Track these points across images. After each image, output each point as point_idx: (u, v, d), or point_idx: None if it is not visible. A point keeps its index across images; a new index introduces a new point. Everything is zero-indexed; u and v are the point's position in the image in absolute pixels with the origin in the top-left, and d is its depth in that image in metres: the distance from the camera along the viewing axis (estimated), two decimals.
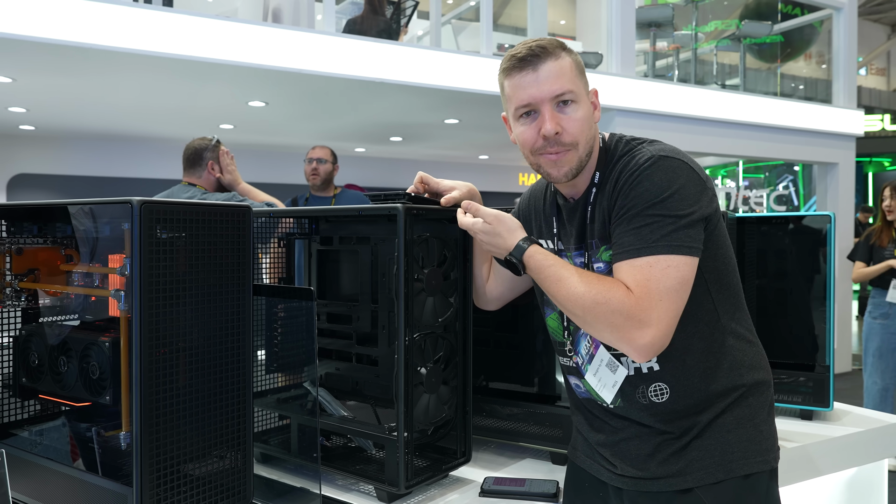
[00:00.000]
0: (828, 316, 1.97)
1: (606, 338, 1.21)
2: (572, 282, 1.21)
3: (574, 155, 1.27)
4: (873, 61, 21.98)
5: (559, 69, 1.25)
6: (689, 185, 1.19)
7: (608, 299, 1.16)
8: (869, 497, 2.01)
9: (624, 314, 1.15)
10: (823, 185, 7.75)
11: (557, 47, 1.27)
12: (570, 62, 1.27)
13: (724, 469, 1.22)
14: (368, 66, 5.30)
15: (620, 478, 1.30)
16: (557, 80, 1.24)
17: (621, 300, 1.15)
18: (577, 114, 1.26)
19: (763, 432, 1.28)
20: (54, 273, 1.42)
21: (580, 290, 1.19)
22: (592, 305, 1.17)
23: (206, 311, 1.17)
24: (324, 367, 1.70)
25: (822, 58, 9.56)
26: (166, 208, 1.10)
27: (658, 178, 1.18)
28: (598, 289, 1.18)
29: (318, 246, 1.73)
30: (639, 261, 1.16)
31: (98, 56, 4.66)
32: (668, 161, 1.20)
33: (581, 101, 1.27)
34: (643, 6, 7.57)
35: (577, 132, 1.26)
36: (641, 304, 1.14)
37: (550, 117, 1.25)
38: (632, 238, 1.18)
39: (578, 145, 1.26)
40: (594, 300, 1.17)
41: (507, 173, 12.53)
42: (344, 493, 1.48)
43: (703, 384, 1.25)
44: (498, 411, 1.76)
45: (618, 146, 1.31)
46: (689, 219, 1.17)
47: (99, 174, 9.64)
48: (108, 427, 1.23)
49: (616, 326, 1.16)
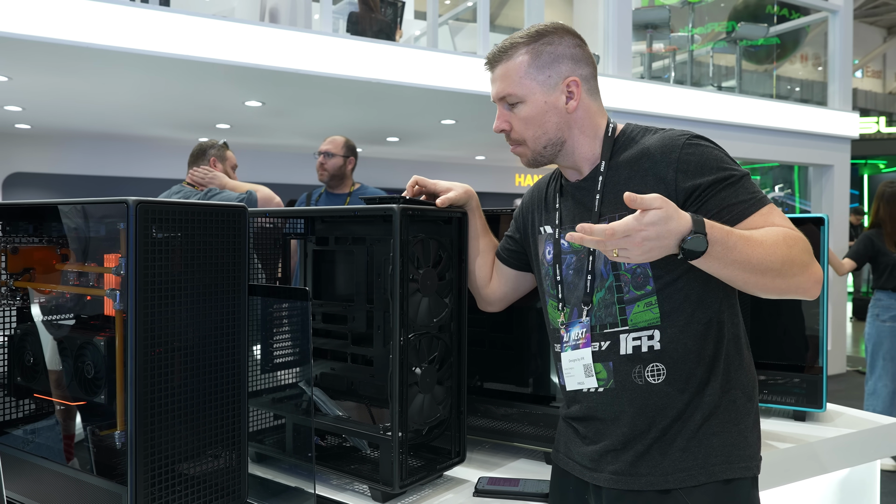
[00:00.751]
0: (821, 317, 1.98)
1: (796, 284, 1.19)
2: (757, 237, 1.16)
3: (525, 149, 1.36)
4: (869, 64, 22.05)
5: (505, 71, 1.33)
6: (724, 153, 1.29)
7: (794, 238, 1.18)
8: (861, 498, 2.02)
9: (808, 249, 1.20)
10: (819, 186, 7.77)
11: (521, 44, 1.32)
12: (522, 61, 1.31)
13: (707, 472, 1.23)
14: (365, 67, 5.30)
15: (601, 475, 1.30)
16: (502, 82, 1.34)
17: (797, 237, 1.19)
18: (521, 113, 1.33)
19: (747, 439, 1.28)
20: (50, 272, 1.42)
21: (769, 240, 1.16)
22: (787, 251, 1.16)
23: (202, 311, 1.17)
24: (319, 366, 1.70)
25: (818, 60, 9.59)
26: (162, 208, 1.11)
27: (714, 152, 1.26)
28: (779, 235, 1.18)
29: (314, 246, 1.74)
30: (764, 210, 1.22)
31: (94, 55, 4.66)
32: (704, 140, 1.29)
33: (529, 99, 1.32)
34: (639, 8, 7.59)
35: (521, 130, 1.34)
36: (806, 242, 1.20)
37: (498, 116, 1.37)
38: (745, 195, 1.22)
39: (527, 142, 1.35)
40: (787, 243, 1.16)
41: (503, 174, 12.55)
42: (338, 493, 1.48)
43: (699, 370, 1.25)
44: (492, 411, 1.76)
45: (634, 131, 1.36)
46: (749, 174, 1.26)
47: (95, 173, 9.62)
48: (103, 426, 1.23)
49: (805, 265, 1.18)
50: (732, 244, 1.11)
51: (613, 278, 1.28)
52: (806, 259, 1.18)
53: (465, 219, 1.53)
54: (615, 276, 1.28)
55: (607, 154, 1.33)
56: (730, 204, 1.21)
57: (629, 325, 1.27)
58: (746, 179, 1.24)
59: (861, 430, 1.93)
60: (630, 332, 1.27)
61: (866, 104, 19.87)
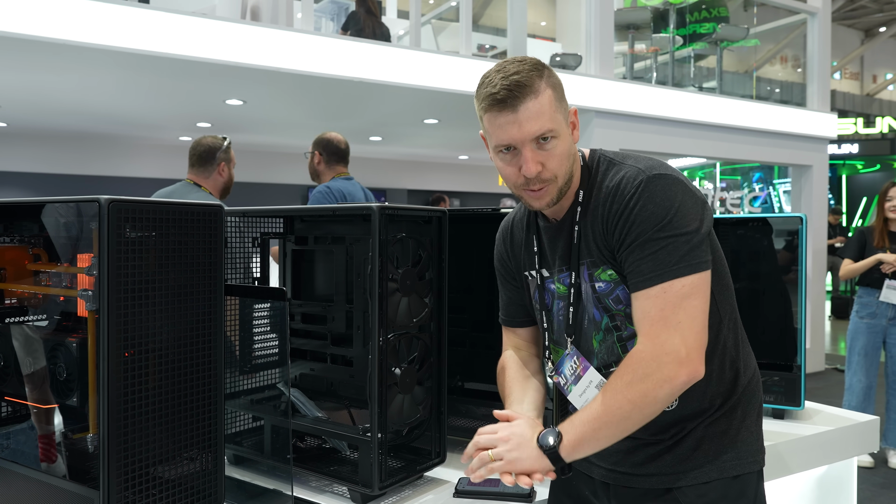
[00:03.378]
0: (800, 316, 1.99)
1: (667, 401, 1.16)
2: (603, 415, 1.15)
3: (554, 187, 1.23)
4: (847, 66, 22.36)
5: (539, 108, 1.18)
6: (688, 200, 1.17)
7: (635, 376, 1.14)
8: (839, 494, 2.04)
9: (650, 389, 1.13)
10: (798, 186, 7.86)
11: (536, 78, 1.19)
12: (549, 96, 1.20)
13: (717, 469, 1.23)
14: (347, 66, 5.28)
15: (610, 473, 1.31)
16: (537, 120, 1.18)
17: (644, 370, 1.14)
18: (558, 149, 1.21)
19: (753, 433, 1.29)
20: (21, 272, 1.39)
21: (612, 410, 1.15)
22: (630, 407, 1.14)
23: (177, 312, 1.16)
24: (298, 367, 1.69)
25: (797, 62, 9.70)
26: (135, 207, 1.09)
27: (659, 199, 1.16)
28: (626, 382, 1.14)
29: (293, 246, 1.72)
30: (654, 290, 1.15)
31: (73, 52, 4.59)
32: (661, 179, 1.17)
33: (561, 134, 1.22)
34: (622, 9, 7.63)
35: (556, 167, 1.22)
36: (662, 344, 1.13)
37: (531, 158, 1.20)
38: (650, 264, 1.15)
39: (558, 178, 1.23)
40: (626, 394, 1.14)
41: (486, 173, 12.56)
42: (317, 495, 1.47)
43: (709, 388, 1.25)
44: (473, 411, 1.76)
45: (600, 164, 1.28)
46: (699, 235, 1.16)
47: (74, 172, 9.50)
48: (75, 429, 1.21)
49: (646, 392, 1.13)
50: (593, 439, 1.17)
51: (608, 319, 1.26)
52: (648, 386, 1.13)
53: (445, 218, 1.53)
54: (609, 316, 1.25)
55: (585, 185, 1.27)
56: (634, 270, 1.17)
57: None
58: (671, 247, 1.14)
59: (839, 428, 1.95)
60: None
61: (844, 105, 20.15)
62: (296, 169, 10.55)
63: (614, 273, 1.22)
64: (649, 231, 1.15)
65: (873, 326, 4.24)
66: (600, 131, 6.20)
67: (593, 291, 1.26)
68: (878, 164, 15.37)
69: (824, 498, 2.03)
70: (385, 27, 6.07)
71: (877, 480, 4.10)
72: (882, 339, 4.26)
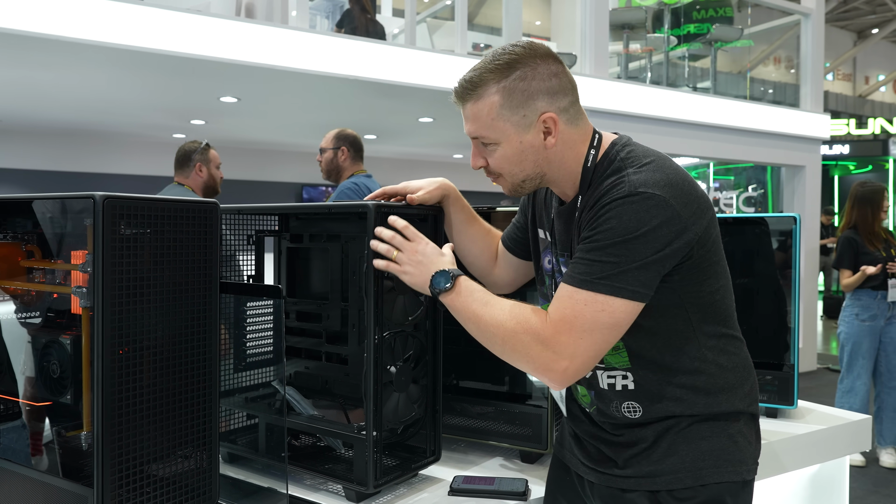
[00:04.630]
0: (793, 316, 2.00)
1: (522, 365, 1.21)
2: (493, 310, 1.22)
3: (506, 181, 1.30)
4: (840, 67, 22.47)
5: (475, 113, 1.24)
6: (662, 227, 1.11)
7: (526, 328, 1.17)
8: (831, 493, 2.05)
9: (540, 343, 1.16)
10: (791, 187, 7.90)
11: (491, 81, 1.21)
12: (492, 102, 1.21)
13: (694, 476, 1.22)
14: (342, 63, 5.27)
15: (593, 471, 1.32)
16: (473, 123, 1.26)
17: (538, 329, 1.16)
18: (497, 153, 1.26)
19: (738, 443, 1.25)
20: (15, 269, 1.38)
21: (500, 316, 1.20)
22: (512, 333, 1.18)
23: (172, 309, 1.15)
24: (293, 365, 1.68)
25: (791, 62, 9.74)
26: (130, 204, 1.08)
27: (627, 218, 1.12)
28: (518, 316, 1.18)
29: (288, 243, 1.72)
30: (580, 294, 1.14)
31: (66, 48, 4.57)
32: (647, 199, 1.12)
33: (503, 141, 1.24)
34: (616, 8, 7.64)
35: (498, 167, 1.28)
36: (560, 337, 1.14)
37: (473, 153, 1.32)
38: (582, 267, 1.15)
39: (503, 176, 1.29)
40: (514, 329, 1.18)
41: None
42: (312, 493, 1.47)
43: (676, 407, 1.24)
44: (468, 410, 1.76)
45: (612, 163, 1.23)
46: (644, 261, 1.11)
47: (66, 169, 9.45)
48: (69, 427, 1.20)
49: (532, 356, 1.17)
50: (462, 309, 1.25)
51: None
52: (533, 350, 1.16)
53: (441, 215, 1.53)
54: None
55: (584, 188, 1.25)
56: (572, 263, 1.18)
57: (604, 364, 1.27)
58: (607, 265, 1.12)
59: (832, 427, 1.96)
60: (605, 370, 1.28)
61: (837, 106, 20.26)
62: (290, 166, 10.53)
63: None
64: (601, 241, 1.13)
65: (874, 328, 4.25)
66: None
67: None
68: (869, 164, 15.44)
69: (817, 496, 2.04)
70: (380, 25, 6.07)
71: (869, 479, 4.13)
72: (878, 339, 4.28)
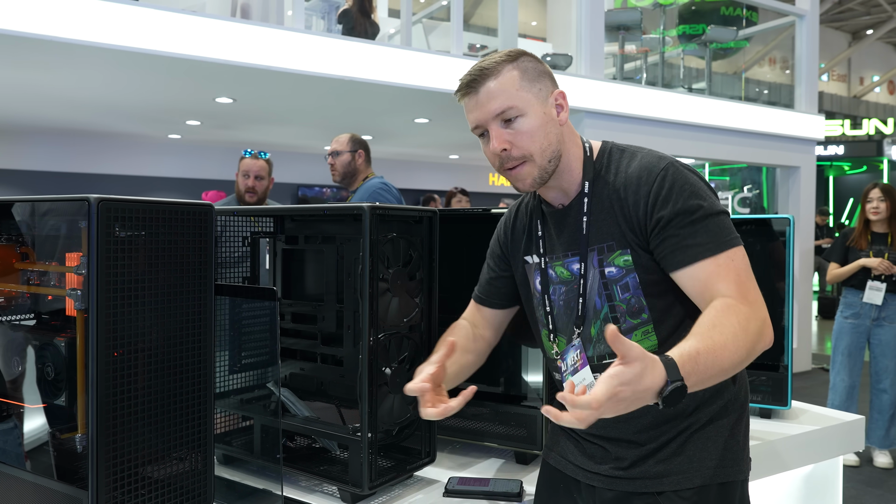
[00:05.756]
0: (787, 316, 2.01)
1: (758, 352, 1.16)
2: (720, 341, 1.09)
3: (532, 166, 1.25)
4: (834, 68, 22.55)
5: (497, 87, 1.23)
6: (703, 184, 1.24)
7: (745, 315, 1.13)
8: (825, 493, 2.06)
9: (756, 314, 1.15)
10: (786, 187, 7.92)
11: (503, 62, 1.24)
12: (513, 75, 1.24)
13: (702, 475, 1.24)
14: (338, 64, 5.27)
15: (595, 475, 1.31)
16: (496, 98, 1.23)
17: (746, 310, 1.13)
18: (525, 126, 1.23)
19: (739, 442, 1.30)
20: (9, 271, 1.38)
21: (730, 337, 1.10)
22: (746, 338, 1.11)
23: (167, 311, 1.15)
24: (288, 367, 1.68)
25: (786, 63, 9.77)
26: (125, 206, 1.08)
27: (689, 182, 1.21)
28: (734, 322, 1.11)
29: (284, 245, 1.72)
30: (721, 257, 1.17)
31: (61, 49, 4.55)
32: (681, 166, 1.24)
33: (529, 111, 1.24)
34: (612, 9, 7.65)
35: (526, 144, 1.24)
36: (754, 307, 1.15)
37: (496, 136, 1.24)
38: (704, 237, 1.18)
39: (533, 156, 1.24)
40: (743, 328, 1.11)
41: (477, 173, 12.57)
42: (307, 495, 1.47)
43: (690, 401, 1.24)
44: (463, 411, 1.74)
45: (613, 153, 1.31)
46: (726, 212, 1.22)
47: (61, 170, 9.42)
48: (63, 429, 1.20)
49: (760, 333, 1.14)
50: (703, 368, 1.05)
51: (608, 309, 1.26)
52: (759, 326, 1.14)
53: (436, 218, 1.53)
54: (610, 306, 1.26)
55: (589, 174, 1.28)
56: (685, 245, 1.18)
57: None
58: (714, 218, 1.19)
59: (825, 427, 1.97)
60: None
61: (832, 107, 20.33)
62: (286, 168, 10.51)
63: (630, 259, 1.23)
64: (692, 207, 1.19)
65: (857, 326, 4.29)
66: (590, 131, 6.22)
67: (601, 277, 1.26)
68: (864, 165, 15.50)
69: (811, 496, 2.05)
70: (377, 26, 6.06)
71: (862, 479, 4.14)
72: (866, 339, 4.33)
